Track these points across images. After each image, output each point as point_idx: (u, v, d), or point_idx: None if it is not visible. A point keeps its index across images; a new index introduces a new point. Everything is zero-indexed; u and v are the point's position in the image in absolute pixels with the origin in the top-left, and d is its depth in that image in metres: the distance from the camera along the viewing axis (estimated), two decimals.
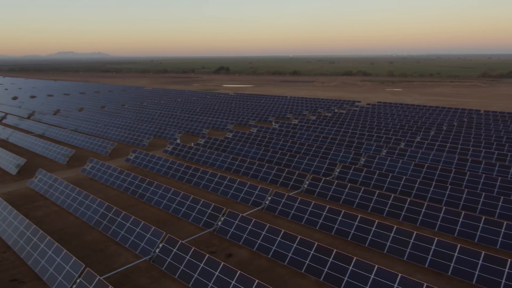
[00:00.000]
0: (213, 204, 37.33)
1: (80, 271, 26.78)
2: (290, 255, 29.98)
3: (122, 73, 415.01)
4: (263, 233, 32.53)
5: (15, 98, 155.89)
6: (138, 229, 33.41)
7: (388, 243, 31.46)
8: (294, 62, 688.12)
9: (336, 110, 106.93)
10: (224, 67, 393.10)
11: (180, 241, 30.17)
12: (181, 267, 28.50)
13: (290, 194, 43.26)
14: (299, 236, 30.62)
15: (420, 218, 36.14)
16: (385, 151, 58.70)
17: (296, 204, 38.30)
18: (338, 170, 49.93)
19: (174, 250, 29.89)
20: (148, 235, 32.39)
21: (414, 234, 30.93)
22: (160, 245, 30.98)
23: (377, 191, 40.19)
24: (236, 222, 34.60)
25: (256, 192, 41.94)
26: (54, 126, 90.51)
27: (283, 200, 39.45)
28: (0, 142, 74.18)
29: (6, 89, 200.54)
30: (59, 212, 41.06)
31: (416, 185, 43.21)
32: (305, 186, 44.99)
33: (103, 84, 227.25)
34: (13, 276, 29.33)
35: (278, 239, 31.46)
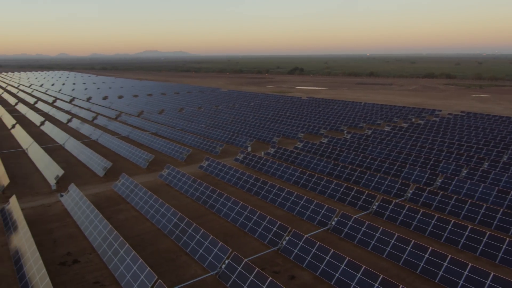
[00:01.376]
0: (279, 222, 37.98)
1: (153, 282, 29.00)
2: (353, 284, 29.59)
3: (200, 73, 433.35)
4: (327, 258, 32.44)
5: (105, 97, 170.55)
6: (206, 243, 35.19)
7: (461, 282, 29.63)
8: (372, 62, 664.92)
9: (413, 120, 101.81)
10: (298, 68, 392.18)
11: (245, 259, 31.25)
12: (245, 287, 29.54)
13: (357, 216, 42.55)
14: (364, 266, 30.07)
15: (500, 255, 33.44)
16: (465, 172, 54.83)
17: (363, 228, 37.51)
18: (411, 191, 47.77)
19: (239, 268, 31.05)
20: (215, 250, 33.99)
21: (491, 276, 28.78)
22: (226, 262, 32.35)
23: (453, 220, 37.87)
24: (301, 243, 34.89)
25: (323, 211, 41.78)
26: (137, 128, 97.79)
27: (350, 223, 38.85)
28: (91, 143, 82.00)
29: (98, 88, 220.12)
30: (138, 217, 44.56)
31: (499, 215, 39.90)
32: (374, 207, 43.79)
33: (182, 85, 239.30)
34: (96, 278, 32.61)
35: (342, 266, 31.18)
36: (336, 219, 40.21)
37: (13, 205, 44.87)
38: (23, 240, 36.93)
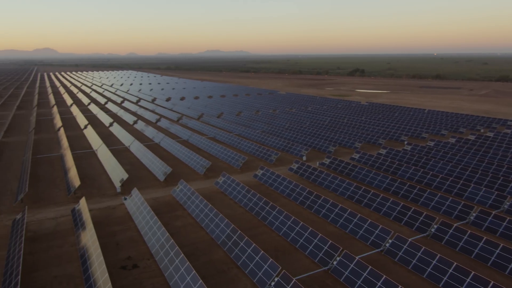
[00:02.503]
0: (330, 241, 37.70)
1: None
2: None
3: (259, 73, 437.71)
4: (379, 284, 31.70)
5: (168, 99, 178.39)
6: (257, 258, 35.88)
7: None
8: (439, 62, 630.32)
9: (482, 131, 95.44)
10: (359, 69, 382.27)
11: (294, 279, 31.45)
12: None
13: (414, 238, 41.08)
14: None
15: None
16: None
17: (419, 254, 36.10)
18: (474, 214, 45.04)
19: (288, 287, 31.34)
20: (265, 266, 34.56)
21: None
22: (276, 279, 32.78)
23: None
24: (352, 265, 34.40)
25: (377, 231, 40.77)
26: (196, 132, 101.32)
27: (405, 246, 37.56)
28: (154, 146, 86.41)
29: (162, 89, 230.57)
30: (193, 225, 46.40)
31: None
32: (433, 230, 41.90)
33: (241, 87, 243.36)
34: (153, 285, 34.55)
35: None
36: (390, 241, 39.07)
37: (83, 206, 48.71)
38: (89, 242, 40.05)
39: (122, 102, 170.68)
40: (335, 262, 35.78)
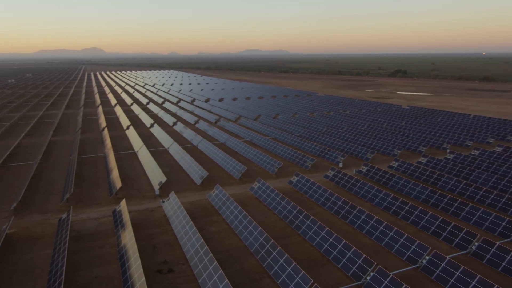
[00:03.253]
0: (364, 255, 37.14)
1: None
2: None
3: (298, 74, 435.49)
4: None
5: (207, 100, 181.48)
6: (289, 269, 35.98)
7: None
8: (488, 63, 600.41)
9: None
10: (401, 70, 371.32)
11: None
12: None
13: (453, 255, 39.71)
14: None
15: None
16: None
17: (458, 273, 34.83)
18: None
19: None
20: (297, 278, 34.58)
21: None
22: None
23: None
24: (386, 282, 33.73)
25: (413, 247, 39.70)
26: (233, 135, 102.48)
27: (443, 264, 36.35)
28: (192, 148, 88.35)
29: (202, 90, 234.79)
30: (228, 231, 47.14)
31: None
32: (473, 247, 40.25)
33: (280, 88, 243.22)
34: None
35: None
36: (427, 257, 37.94)
37: (123, 208, 50.73)
38: (128, 244, 41.71)
39: (163, 102, 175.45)
40: (368, 277, 35.24)
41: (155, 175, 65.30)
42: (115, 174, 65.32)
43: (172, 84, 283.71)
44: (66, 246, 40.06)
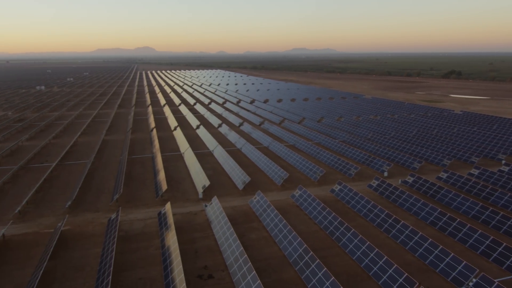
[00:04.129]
0: (406, 274, 36.11)
1: None
2: None
3: (345, 74, 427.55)
4: None
5: (252, 101, 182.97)
6: (327, 283, 35.74)
7: None
8: None
9: None
10: (455, 71, 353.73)
11: None
12: None
13: (502, 280, 37.66)
14: None
15: None
16: None
17: None
18: None
19: None
20: None
21: None
22: None
23: None
24: None
25: (460, 267, 38.02)
26: (277, 139, 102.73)
27: None
28: (235, 151, 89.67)
29: (247, 91, 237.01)
30: (267, 239, 47.54)
31: None
32: None
33: (325, 89, 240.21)
34: None
35: None
36: (474, 280, 36.21)
37: (168, 211, 52.59)
38: (171, 248, 43.26)
39: (209, 103, 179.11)
40: None
41: (199, 178, 67.04)
42: (161, 176, 67.77)
43: (218, 84, 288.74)
44: (114, 246, 42.26)
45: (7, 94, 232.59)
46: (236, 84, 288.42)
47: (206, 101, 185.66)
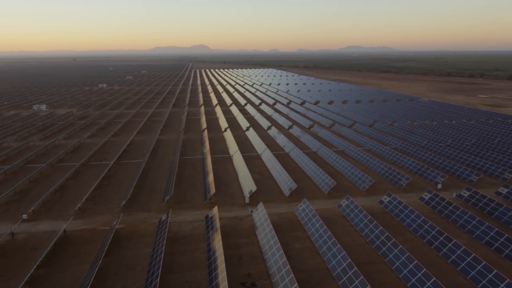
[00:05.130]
0: None
1: None
2: None
3: (401, 74, 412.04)
4: None
5: (303, 103, 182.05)
6: None
7: None
8: None
9: None
10: None
11: None
12: None
13: None
14: None
15: None
16: None
17: None
18: None
19: None
20: None
21: None
22: None
23: None
24: None
25: None
26: (326, 143, 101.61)
27: None
28: (283, 155, 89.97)
29: (298, 91, 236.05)
30: (311, 249, 47.47)
31: None
32: None
33: (379, 91, 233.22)
34: None
35: None
36: None
37: (215, 215, 54.07)
38: (217, 253, 44.55)
39: (260, 104, 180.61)
40: None
41: (247, 182, 68.15)
42: (210, 178, 69.71)
43: (270, 84, 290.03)
44: (163, 248, 44.31)
45: (73, 91, 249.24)
46: (287, 84, 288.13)
47: (257, 101, 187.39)
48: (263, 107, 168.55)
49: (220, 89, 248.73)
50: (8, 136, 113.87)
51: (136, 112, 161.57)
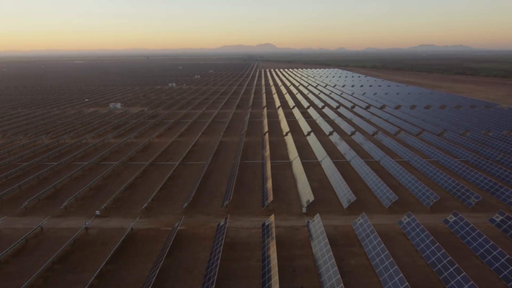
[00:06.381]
0: None
1: None
2: None
3: (478, 77, 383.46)
4: None
5: (368, 107, 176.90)
6: None
7: None
8: None
9: None
10: None
11: None
12: None
13: None
14: None
15: None
16: None
17: None
18: None
19: None
20: None
21: None
22: None
23: None
24: None
25: None
26: (390, 152, 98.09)
27: None
28: (344, 164, 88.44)
29: (363, 94, 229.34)
30: (367, 267, 46.49)
31: None
32: None
33: (451, 95, 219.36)
34: None
35: None
36: None
37: (271, 224, 54.89)
38: (271, 264, 45.31)
39: (323, 107, 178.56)
40: None
41: (305, 191, 68.17)
42: (269, 184, 70.69)
43: (334, 86, 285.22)
44: (219, 255, 46.01)
45: (145, 90, 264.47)
46: (352, 86, 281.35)
47: (320, 104, 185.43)
48: (326, 110, 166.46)
49: (284, 90, 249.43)
50: (87, 133, 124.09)
51: (202, 112, 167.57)
